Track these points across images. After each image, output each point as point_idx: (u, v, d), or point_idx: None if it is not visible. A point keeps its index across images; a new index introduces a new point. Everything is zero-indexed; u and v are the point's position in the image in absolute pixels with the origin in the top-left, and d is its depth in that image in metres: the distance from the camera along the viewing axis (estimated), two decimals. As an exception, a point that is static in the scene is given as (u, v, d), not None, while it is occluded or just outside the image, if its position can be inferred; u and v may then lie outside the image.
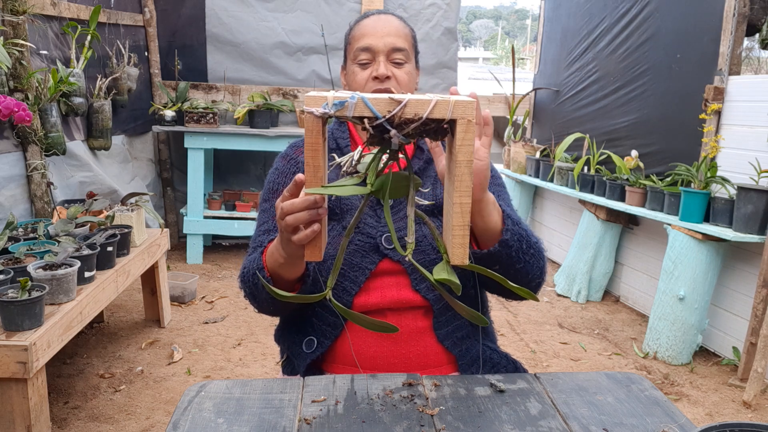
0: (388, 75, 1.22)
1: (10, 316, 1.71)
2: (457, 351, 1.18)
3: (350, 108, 0.80)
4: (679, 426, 0.86)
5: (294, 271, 1.07)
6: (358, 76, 1.23)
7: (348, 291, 1.17)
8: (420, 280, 1.17)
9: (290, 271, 1.06)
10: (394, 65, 1.23)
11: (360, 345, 1.16)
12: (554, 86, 4.58)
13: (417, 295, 1.17)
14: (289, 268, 1.06)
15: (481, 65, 29.50)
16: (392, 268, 1.18)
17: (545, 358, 2.91)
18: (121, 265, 2.37)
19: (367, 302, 1.16)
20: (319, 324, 1.19)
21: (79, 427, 2.16)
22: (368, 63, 1.23)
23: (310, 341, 1.19)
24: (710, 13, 3.02)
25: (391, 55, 1.23)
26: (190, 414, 0.88)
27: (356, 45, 1.24)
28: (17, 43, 2.46)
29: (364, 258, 1.17)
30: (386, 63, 1.22)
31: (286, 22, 4.35)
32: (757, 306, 2.62)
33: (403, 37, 1.25)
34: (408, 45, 1.25)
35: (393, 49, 1.22)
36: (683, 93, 3.21)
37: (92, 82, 3.28)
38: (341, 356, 1.18)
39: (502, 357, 1.24)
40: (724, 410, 2.47)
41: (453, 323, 1.19)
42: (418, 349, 1.17)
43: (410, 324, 1.17)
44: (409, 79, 1.25)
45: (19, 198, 2.62)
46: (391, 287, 1.17)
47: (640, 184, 3.30)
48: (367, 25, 1.25)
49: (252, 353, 2.80)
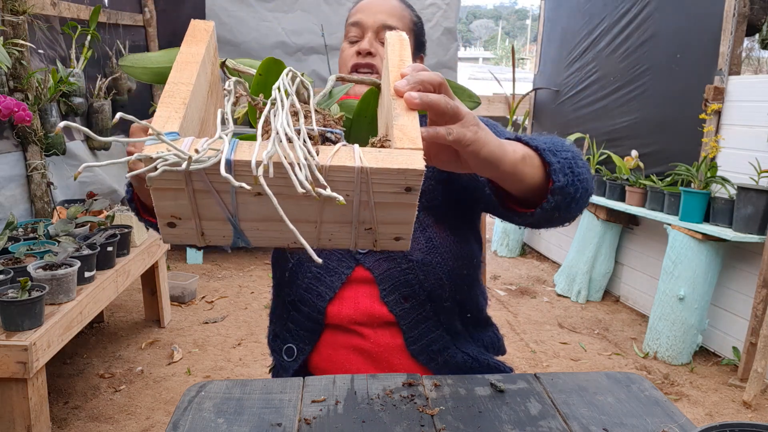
0: (370, 51, 1.15)
1: (10, 316, 1.71)
2: (433, 365, 1.13)
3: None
4: (679, 426, 0.86)
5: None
6: (345, 52, 1.18)
7: (322, 296, 1.12)
8: (388, 291, 1.10)
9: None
10: (381, 44, 1.17)
11: (336, 361, 1.13)
12: (554, 86, 4.58)
13: (384, 308, 1.11)
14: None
15: (481, 65, 29.51)
16: (364, 276, 1.12)
17: (545, 358, 2.91)
18: (121, 265, 2.37)
19: (340, 313, 1.12)
20: (296, 330, 1.16)
21: (79, 427, 2.16)
22: (357, 40, 1.18)
23: (290, 349, 1.16)
24: (710, 13, 3.02)
25: (380, 33, 1.16)
26: (190, 414, 0.88)
27: (348, 21, 1.20)
28: (17, 43, 2.46)
29: (341, 262, 1.13)
30: (373, 40, 1.16)
31: (286, 22, 4.35)
32: (757, 306, 2.62)
33: (398, 17, 1.18)
34: (402, 26, 1.18)
35: (383, 26, 1.16)
36: (683, 93, 3.21)
37: (92, 82, 3.28)
38: (321, 367, 1.15)
39: (482, 365, 1.18)
40: (724, 410, 2.47)
41: (426, 337, 1.13)
42: (393, 368, 1.13)
43: (386, 341, 1.12)
44: None
45: (19, 198, 2.62)
46: (364, 298, 1.12)
47: (640, 184, 3.30)
48: (364, 2, 1.20)
49: (252, 353, 2.80)
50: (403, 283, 1.11)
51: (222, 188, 0.58)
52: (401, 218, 0.64)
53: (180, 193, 0.59)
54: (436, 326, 1.14)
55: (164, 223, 0.62)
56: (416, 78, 0.68)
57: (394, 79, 0.70)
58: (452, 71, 4.70)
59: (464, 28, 55.14)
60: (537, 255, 4.73)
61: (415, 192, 0.61)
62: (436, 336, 1.14)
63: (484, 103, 4.81)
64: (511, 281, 4.09)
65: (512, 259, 4.63)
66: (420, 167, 0.58)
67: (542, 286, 4.01)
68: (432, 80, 0.69)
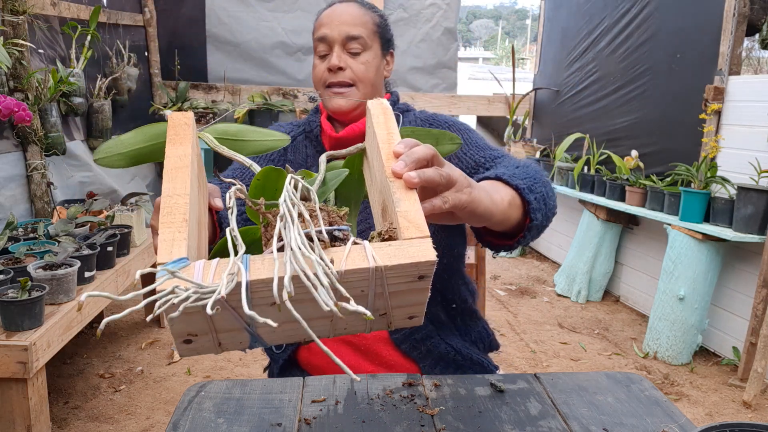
0: (341, 66, 1.17)
1: (10, 316, 1.71)
2: (416, 354, 1.16)
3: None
4: (679, 426, 0.86)
5: None
6: (317, 69, 1.20)
7: None
8: None
9: None
10: (349, 55, 1.19)
11: (319, 352, 1.14)
12: (554, 86, 4.58)
13: None
14: None
15: (481, 65, 29.50)
16: None
17: (545, 358, 2.91)
18: (121, 265, 2.37)
19: None
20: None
21: (79, 427, 2.16)
22: (326, 54, 1.19)
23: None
24: (710, 13, 3.02)
25: (346, 45, 1.18)
26: (190, 414, 0.88)
27: (314, 36, 1.21)
28: (17, 43, 2.46)
29: None
30: (341, 53, 1.18)
31: (286, 22, 4.35)
32: (757, 306, 2.62)
33: (360, 24, 1.19)
34: (366, 32, 1.19)
35: (347, 37, 1.17)
36: (683, 93, 3.21)
37: (92, 82, 3.28)
38: (308, 360, 1.17)
39: (465, 359, 1.19)
40: (724, 410, 2.47)
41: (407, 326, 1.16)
42: (377, 357, 1.15)
43: (370, 335, 1.14)
44: (366, 68, 1.19)
45: (19, 198, 2.62)
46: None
47: (640, 184, 3.30)
48: (325, 14, 1.21)
49: (252, 353, 2.80)
50: None
51: (239, 305, 0.57)
52: (414, 301, 0.66)
53: (196, 315, 0.59)
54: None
55: (180, 341, 0.63)
56: (412, 158, 0.69)
57: (386, 157, 0.70)
58: (452, 71, 4.70)
59: (464, 28, 55.12)
60: (537, 255, 4.73)
61: (428, 279, 0.62)
62: (421, 329, 1.16)
63: (484, 103, 4.81)
64: (511, 281, 4.09)
65: (512, 259, 4.63)
66: (432, 258, 0.60)
67: (542, 286, 4.01)
68: (425, 156, 0.71)
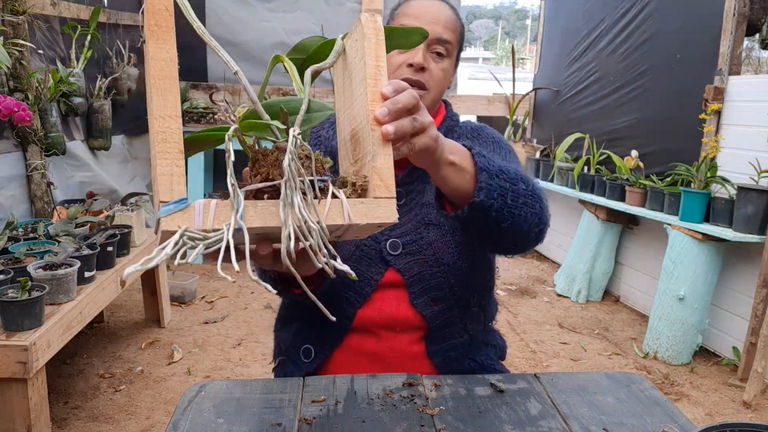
0: (424, 65, 1.12)
1: (10, 316, 1.71)
2: (445, 370, 1.14)
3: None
4: (679, 426, 0.86)
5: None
6: (393, 59, 1.14)
7: (352, 303, 1.10)
8: (418, 294, 1.11)
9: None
10: (433, 56, 1.14)
11: (352, 367, 1.13)
12: (554, 86, 4.58)
13: (413, 310, 1.11)
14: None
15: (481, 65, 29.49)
16: (394, 279, 1.12)
17: (545, 358, 2.91)
18: (121, 265, 2.37)
19: (364, 316, 1.11)
20: (320, 332, 1.15)
21: (79, 427, 2.16)
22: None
23: (308, 350, 1.15)
24: (710, 13, 3.02)
25: (432, 45, 1.14)
26: (190, 414, 0.88)
27: (399, 21, 1.15)
28: (17, 43, 2.46)
29: (370, 267, 1.11)
30: (425, 52, 1.13)
31: (286, 22, 4.35)
32: (757, 306, 2.62)
33: (452, 29, 1.15)
34: (454, 38, 1.16)
35: (437, 39, 1.13)
36: (683, 93, 3.21)
37: (92, 82, 3.28)
38: (335, 371, 1.14)
39: (488, 370, 1.17)
40: (724, 410, 2.47)
41: (448, 341, 1.13)
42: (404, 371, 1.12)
43: (404, 349, 1.12)
44: (443, 76, 1.16)
45: (19, 198, 2.62)
46: (390, 301, 1.11)
47: (640, 184, 3.30)
48: (416, 6, 1.15)
49: (252, 353, 2.80)
50: (433, 286, 1.11)
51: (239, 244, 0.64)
52: (367, 235, 0.77)
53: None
54: (461, 332, 1.15)
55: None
56: (396, 107, 0.71)
57: (371, 96, 0.72)
58: (452, 71, 4.69)
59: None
60: (537, 255, 4.73)
61: (383, 226, 0.72)
62: (458, 343, 1.14)
63: (484, 103, 4.81)
64: (511, 281, 4.09)
65: (512, 259, 4.63)
66: (395, 219, 0.70)
67: (542, 286, 4.01)
68: (409, 104, 0.73)
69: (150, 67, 0.63)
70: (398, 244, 1.12)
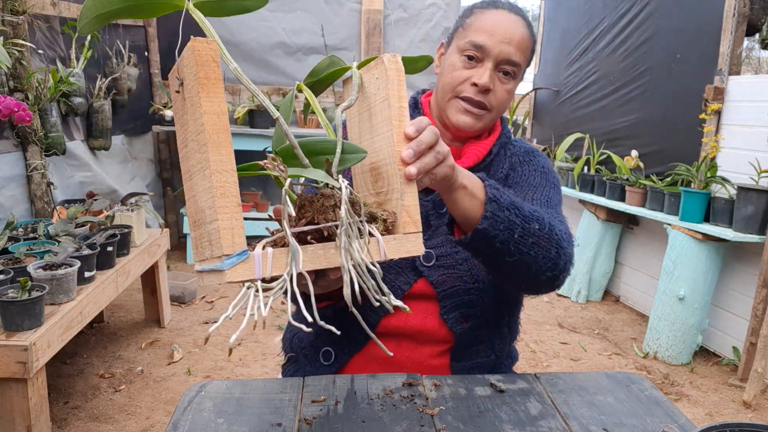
0: (489, 87, 1.08)
1: (10, 316, 1.71)
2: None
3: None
4: (679, 426, 0.86)
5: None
6: (457, 72, 1.10)
7: (376, 311, 1.07)
8: (449, 309, 1.08)
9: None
10: (500, 76, 1.10)
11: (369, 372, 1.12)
12: (554, 86, 4.58)
13: (442, 325, 1.08)
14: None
15: (481, 65, 29.23)
16: (425, 290, 1.09)
17: (545, 358, 2.91)
18: (121, 265, 2.37)
19: (387, 324, 1.09)
20: (343, 336, 1.14)
21: (79, 427, 2.16)
22: (473, 59, 1.09)
23: (328, 353, 1.13)
24: (710, 13, 3.02)
25: (501, 66, 1.09)
26: (190, 414, 0.87)
27: (470, 36, 1.09)
28: (17, 43, 2.46)
29: (399, 276, 1.09)
30: (493, 72, 1.09)
31: (286, 22, 4.35)
32: (757, 306, 2.62)
33: (523, 50, 1.10)
34: (524, 60, 1.12)
35: (507, 60, 1.09)
36: (683, 93, 3.20)
37: (92, 82, 3.28)
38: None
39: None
40: (724, 410, 2.47)
41: (474, 359, 1.12)
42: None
43: (425, 360, 1.10)
44: (507, 98, 1.12)
45: (19, 198, 2.62)
46: (418, 313, 1.09)
47: (640, 184, 3.30)
48: (490, 20, 1.10)
49: (252, 353, 2.80)
50: (466, 303, 1.09)
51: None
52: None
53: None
54: (488, 352, 1.14)
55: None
56: (420, 150, 0.77)
57: (397, 137, 0.77)
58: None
59: (464, 28, 54.94)
60: (537, 255, 4.73)
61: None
62: (484, 362, 1.13)
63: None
64: (511, 281, 4.09)
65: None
66: (421, 252, 0.77)
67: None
68: (431, 142, 0.79)
69: (204, 121, 0.65)
70: (432, 255, 1.10)
